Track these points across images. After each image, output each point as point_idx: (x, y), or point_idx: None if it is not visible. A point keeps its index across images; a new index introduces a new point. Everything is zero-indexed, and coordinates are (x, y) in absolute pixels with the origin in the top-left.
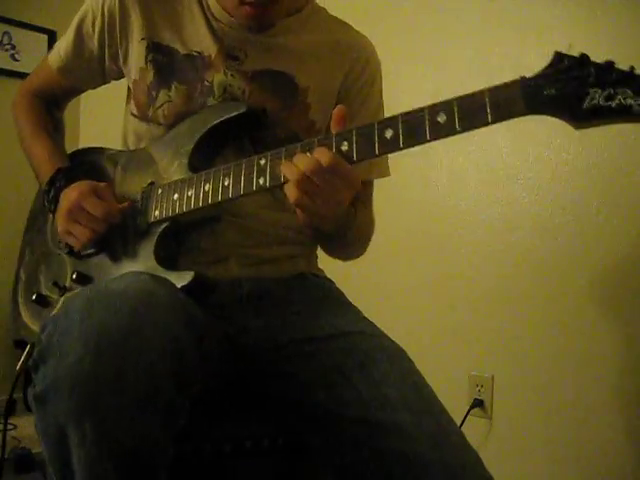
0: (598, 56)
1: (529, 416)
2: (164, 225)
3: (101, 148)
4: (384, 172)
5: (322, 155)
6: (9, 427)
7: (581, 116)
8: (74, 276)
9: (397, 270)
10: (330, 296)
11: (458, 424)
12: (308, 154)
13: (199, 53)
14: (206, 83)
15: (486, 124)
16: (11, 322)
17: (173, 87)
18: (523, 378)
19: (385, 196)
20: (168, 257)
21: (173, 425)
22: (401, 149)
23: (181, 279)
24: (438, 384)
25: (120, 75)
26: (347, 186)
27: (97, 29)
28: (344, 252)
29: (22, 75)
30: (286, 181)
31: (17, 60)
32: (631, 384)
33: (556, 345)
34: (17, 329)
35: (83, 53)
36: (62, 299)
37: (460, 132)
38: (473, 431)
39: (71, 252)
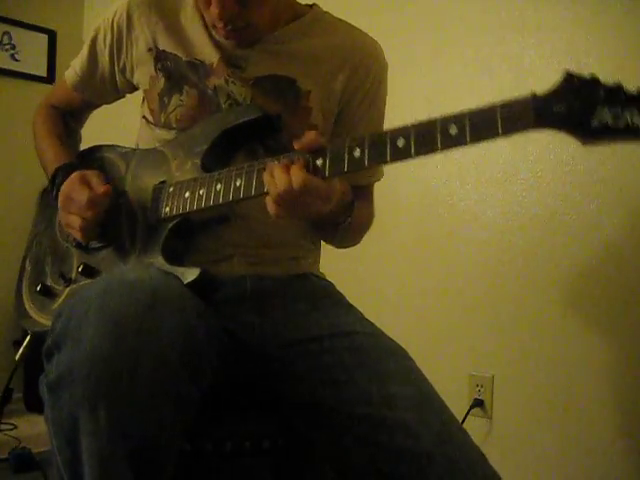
0: (598, 57)
1: (529, 416)
2: (174, 222)
3: (113, 145)
4: (380, 175)
5: (295, 174)
6: (9, 427)
7: (589, 133)
8: (80, 268)
9: (397, 270)
10: (332, 297)
11: None
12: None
13: (201, 61)
14: (209, 91)
15: (495, 136)
16: (13, 311)
17: (184, 91)
18: (523, 378)
19: (385, 196)
20: (175, 254)
21: (184, 415)
22: (412, 157)
23: (188, 275)
24: (438, 384)
25: (133, 88)
26: (322, 200)
27: (107, 44)
28: (343, 240)
29: (22, 75)
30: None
31: (17, 60)
32: (631, 384)
33: (556, 345)
34: (19, 318)
35: (96, 69)
36: (67, 290)
37: (470, 144)
38: (473, 431)
39: (79, 245)
